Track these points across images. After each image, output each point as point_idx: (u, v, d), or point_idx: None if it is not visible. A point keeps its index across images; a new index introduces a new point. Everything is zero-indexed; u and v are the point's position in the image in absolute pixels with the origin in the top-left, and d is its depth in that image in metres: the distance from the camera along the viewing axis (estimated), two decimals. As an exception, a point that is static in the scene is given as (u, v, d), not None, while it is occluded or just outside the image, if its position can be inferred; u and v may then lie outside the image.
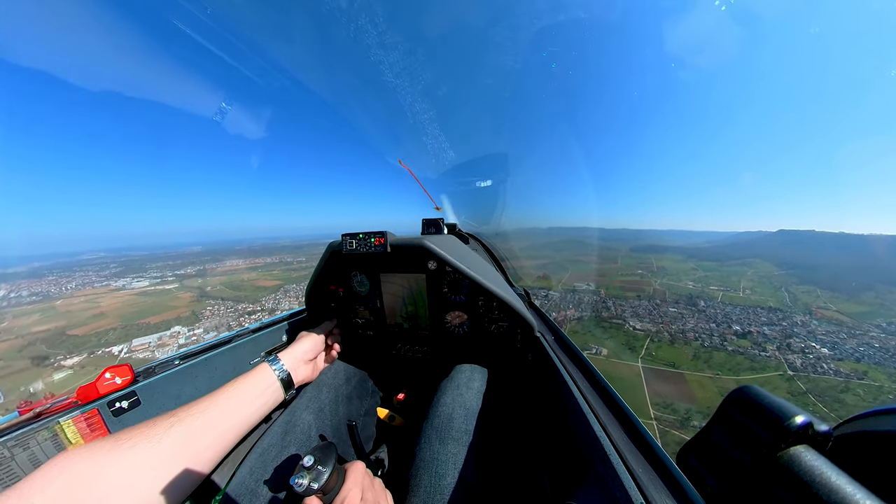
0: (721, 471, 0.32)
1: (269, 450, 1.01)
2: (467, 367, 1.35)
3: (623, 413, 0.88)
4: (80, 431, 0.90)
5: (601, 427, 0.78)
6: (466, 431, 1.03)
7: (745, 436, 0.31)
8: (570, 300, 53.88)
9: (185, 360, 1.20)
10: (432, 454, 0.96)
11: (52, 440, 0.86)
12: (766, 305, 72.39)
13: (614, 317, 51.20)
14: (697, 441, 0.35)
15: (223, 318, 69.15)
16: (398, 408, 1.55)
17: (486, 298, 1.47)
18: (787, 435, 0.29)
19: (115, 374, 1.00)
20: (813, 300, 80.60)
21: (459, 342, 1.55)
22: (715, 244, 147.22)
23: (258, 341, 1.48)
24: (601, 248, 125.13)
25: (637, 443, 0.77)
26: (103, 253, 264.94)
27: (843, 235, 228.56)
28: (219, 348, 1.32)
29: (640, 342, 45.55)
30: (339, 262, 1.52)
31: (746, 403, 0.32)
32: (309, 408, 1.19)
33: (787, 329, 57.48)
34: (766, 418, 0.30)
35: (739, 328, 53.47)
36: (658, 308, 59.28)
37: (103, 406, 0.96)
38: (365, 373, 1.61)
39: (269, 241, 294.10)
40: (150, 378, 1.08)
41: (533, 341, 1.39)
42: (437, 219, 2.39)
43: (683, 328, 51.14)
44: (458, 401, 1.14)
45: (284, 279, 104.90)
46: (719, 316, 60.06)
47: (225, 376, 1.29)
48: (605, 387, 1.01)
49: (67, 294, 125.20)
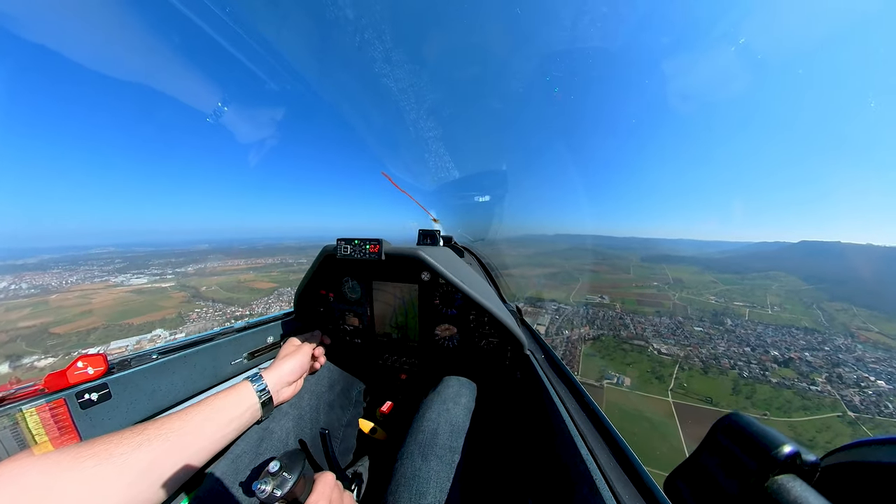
0: (708, 498, 0.32)
1: (242, 456, 0.94)
2: (455, 381, 1.29)
3: (611, 436, 0.86)
4: (43, 421, 0.85)
5: (588, 450, 0.77)
6: (451, 448, 0.98)
7: (732, 464, 0.31)
8: (584, 315, 48.20)
9: (163, 355, 1.14)
10: (413, 471, 0.91)
11: (11, 429, 0.80)
12: (801, 325, 65.47)
13: (635, 336, 45.12)
14: (685, 468, 0.35)
15: (209, 321, 65.32)
16: (382, 420, 1.49)
17: (477, 313, 1.46)
18: (775, 464, 0.28)
19: (87, 363, 0.93)
20: (850, 319, 73.63)
21: (448, 356, 1.54)
22: (730, 255, 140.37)
23: (242, 341, 1.41)
24: (611, 257, 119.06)
25: (625, 467, 0.75)
26: (112, 248, 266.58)
27: (871, 247, 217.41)
28: (200, 345, 1.25)
29: (668, 369, 39.56)
30: (332, 267, 1.51)
31: (734, 431, 0.32)
32: (288, 414, 1.13)
33: (831, 356, 50.81)
34: (754, 447, 0.30)
35: (778, 353, 47.00)
36: (681, 327, 52.88)
37: (71, 397, 0.90)
38: (350, 381, 1.57)
39: (273, 241, 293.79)
40: (125, 371, 1.02)
41: (522, 359, 1.37)
42: (433, 230, 2.34)
43: (715, 352, 44.96)
44: (444, 416, 1.09)
45: (280, 282, 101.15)
46: (751, 338, 53.52)
47: (203, 375, 1.25)
48: (594, 408, 0.99)
49: (65, 288, 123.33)
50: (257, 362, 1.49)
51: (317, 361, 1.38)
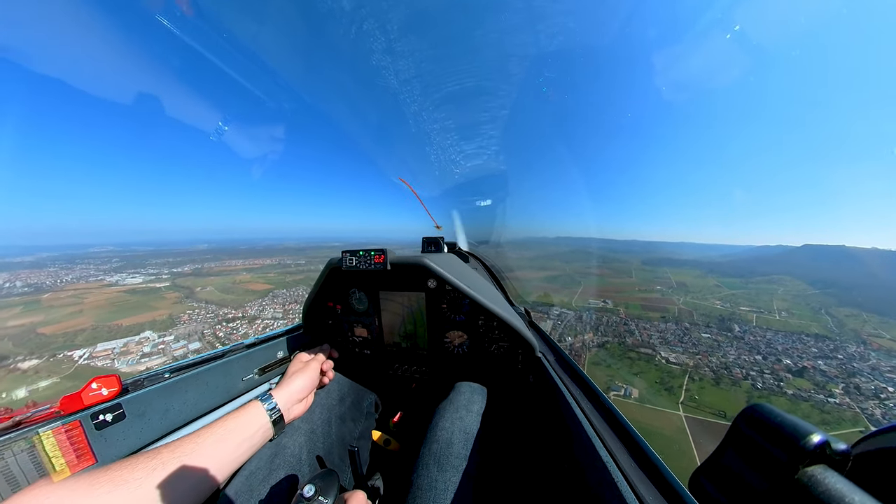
0: (737, 495, 0.30)
1: (256, 473, 0.95)
2: (467, 387, 1.29)
3: (630, 436, 0.83)
4: (60, 444, 0.85)
5: (608, 453, 0.74)
6: (466, 457, 0.97)
7: (759, 457, 0.29)
8: (588, 321, 46.25)
9: (175, 374, 1.14)
10: (430, 482, 0.90)
11: (29, 451, 0.81)
12: (811, 332, 63.45)
13: (641, 344, 43.16)
14: (709, 464, 0.33)
15: (200, 323, 63.38)
16: (394, 430, 1.49)
17: (486, 318, 1.45)
18: (804, 455, 0.27)
19: (101, 384, 0.95)
20: (860, 325, 71.46)
21: (459, 363, 1.53)
22: (732, 258, 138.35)
23: (252, 357, 1.42)
24: (612, 260, 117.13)
25: (646, 468, 0.72)
26: (111, 247, 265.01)
27: (876, 251, 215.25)
28: (211, 363, 1.26)
29: (678, 380, 37.43)
30: (337, 279, 1.53)
31: (759, 423, 0.30)
32: (300, 429, 1.13)
33: (845, 364, 48.76)
34: (781, 438, 0.28)
35: (790, 362, 44.96)
36: (688, 333, 50.89)
37: (86, 418, 0.91)
38: (360, 393, 1.57)
39: (274, 241, 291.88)
40: (138, 391, 1.03)
41: (534, 362, 1.36)
42: (437, 237, 2.38)
43: (726, 361, 42.91)
44: (458, 424, 1.08)
45: (277, 283, 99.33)
46: (761, 345, 51.44)
47: (216, 392, 1.26)
48: (611, 408, 0.97)
49: (59, 287, 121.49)
50: (268, 377, 1.47)
51: (325, 376, 1.36)
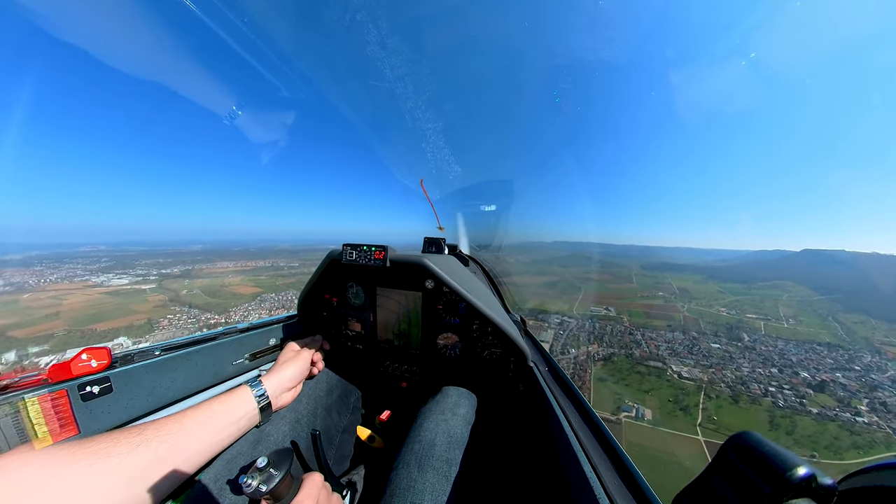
0: None
1: (238, 458, 0.93)
2: (454, 391, 1.28)
3: (617, 455, 0.84)
4: (44, 411, 0.85)
5: (592, 469, 0.74)
6: (448, 461, 0.95)
7: (744, 486, 0.29)
8: (591, 330, 43.19)
9: (165, 352, 1.14)
10: (409, 482, 0.88)
11: (13, 416, 0.81)
12: (822, 340, 60.67)
13: (650, 356, 40.12)
14: (693, 489, 0.33)
15: (179, 329, 59.78)
16: (380, 428, 1.48)
17: (481, 323, 1.45)
18: (789, 487, 0.27)
19: (91, 356, 0.95)
20: (870, 333, 68.84)
21: (450, 365, 1.53)
22: (730, 263, 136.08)
23: (244, 342, 1.42)
24: (611, 265, 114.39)
25: (630, 487, 0.73)
26: (102, 246, 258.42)
27: (876, 256, 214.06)
28: (203, 344, 1.26)
29: (693, 398, 34.44)
30: (336, 271, 1.53)
31: (746, 451, 0.30)
32: (285, 417, 1.13)
33: (864, 376, 46.09)
34: (767, 469, 0.28)
35: (808, 375, 42.13)
36: (697, 343, 47.99)
37: (73, 388, 0.91)
38: (348, 387, 1.57)
39: (268, 243, 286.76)
40: (127, 366, 1.03)
41: (526, 371, 1.35)
42: (439, 238, 2.40)
43: (741, 375, 39.99)
44: (442, 427, 1.06)
45: (266, 287, 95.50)
46: (775, 356, 48.63)
47: (205, 374, 1.26)
48: (598, 424, 0.96)
49: (40, 287, 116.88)
50: (258, 363, 1.47)
51: (315, 367, 1.36)
